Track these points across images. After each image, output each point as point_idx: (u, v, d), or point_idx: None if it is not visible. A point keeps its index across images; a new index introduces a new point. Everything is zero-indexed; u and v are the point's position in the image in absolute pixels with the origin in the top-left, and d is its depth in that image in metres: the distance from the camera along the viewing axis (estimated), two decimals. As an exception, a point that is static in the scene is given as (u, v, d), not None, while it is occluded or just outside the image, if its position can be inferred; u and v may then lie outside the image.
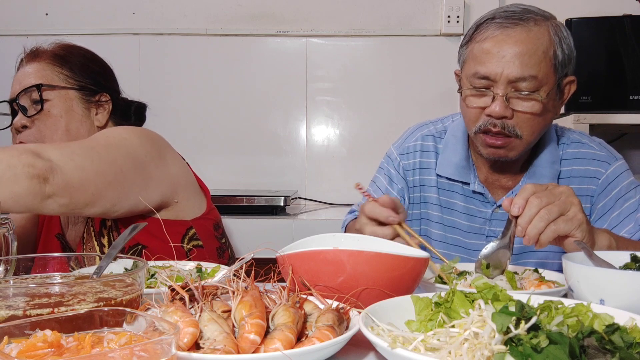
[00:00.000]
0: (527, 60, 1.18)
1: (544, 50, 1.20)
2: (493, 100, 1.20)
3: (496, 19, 1.22)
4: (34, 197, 1.01)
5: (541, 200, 1.00)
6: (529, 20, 1.21)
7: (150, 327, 0.59)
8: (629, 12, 2.10)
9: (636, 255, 0.95)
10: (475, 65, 1.23)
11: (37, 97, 1.33)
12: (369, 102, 2.58)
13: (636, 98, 2.05)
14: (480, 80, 1.22)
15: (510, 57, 1.18)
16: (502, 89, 1.19)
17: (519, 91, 1.20)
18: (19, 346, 0.52)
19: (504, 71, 1.19)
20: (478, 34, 1.24)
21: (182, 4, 2.59)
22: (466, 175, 1.37)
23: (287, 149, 2.61)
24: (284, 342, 0.63)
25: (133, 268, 0.86)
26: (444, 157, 1.40)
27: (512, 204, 1.02)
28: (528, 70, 1.18)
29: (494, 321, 0.59)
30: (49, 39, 1.47)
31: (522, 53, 1.18)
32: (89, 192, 1.11)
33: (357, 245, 0.93)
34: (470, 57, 1.25)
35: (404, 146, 1.48)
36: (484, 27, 1.24)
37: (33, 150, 1.04)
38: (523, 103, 1.20)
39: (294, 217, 2.12)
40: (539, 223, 0.99)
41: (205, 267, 1.10)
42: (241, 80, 2.59)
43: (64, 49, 1.43)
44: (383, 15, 2.56)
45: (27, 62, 1.40)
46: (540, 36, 1.20)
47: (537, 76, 1.19)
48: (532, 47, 1.19)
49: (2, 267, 0.84)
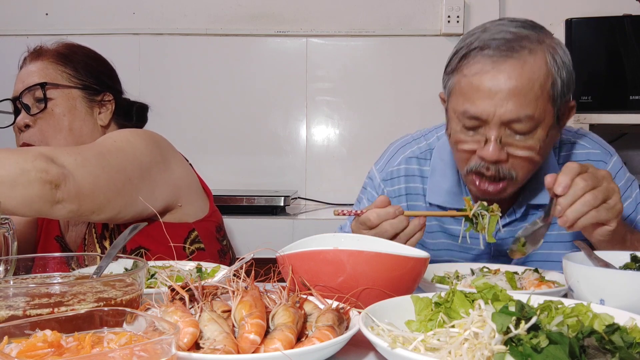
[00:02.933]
0: (522, 99, 1.06)
1: (541, 84, 1.07)
2: (486, 142, 1.10)
3: (485, 50, 1.09)
4: (44, 203, 1.02)
5: (587, 182, 0.95)
6: (522, 49, 1.08)
7: (150, 327, 0.59)
8: (629, 12, 2.10)
9: (636, 255, 0.95)
10: (464, 103, 1.11)
11: (41, 95, 1.32)
12: (369, 102, 2.58)
13: (636, 98, 2.05)
14: (470, 120, 1.10)
15: (504, 95, 1.06)
16: (495, 132, 1.08)
17: (514, 132, 1.09)
18: (19, 346, 0.52)
19: (496, 112, 1.06)
20: (466, 66, 1.11)
21: (182, 4, 2.59)
22: (459, 201, 1.25)
23: (287, 149, 2.61)
24: (284, 342, 0.63)
25: (133, 268, 0.86)
26: (433, 183, 1.30)
27: (556, 182, 0.96)
28: (524, 110, 1.06)
29: (494, 321, 0.59)
30: (49, 39, 1.47)
31: (516, 91, 1.06)
32: (97, 200, 1.12)
33: (357, 245, 0.93)
34: (458, 90, 1.13)
35: (387, 171, 1.37)
36: (473, 58, 1.10)
37: (47, 155, 1.04)
38: (519, 145, 1.10)
39: (294, 217, 2.12)
40: (582, 208, 0.95)
41: (205, 267, 1.10)
42: (241, 80, 2.59)
43: (67, 48, 1.42)
44: (383, 15, 2.56)
45: (30, 60, 1.39)
46: (536, 69, 1.07)
47: (533, 115, 1.07)
48: (528, 83, 1.06)
49: (2, 267, 0.84)
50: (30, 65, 1.38)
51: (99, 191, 1.12)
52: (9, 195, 0.98)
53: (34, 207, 1.01)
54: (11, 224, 0.93)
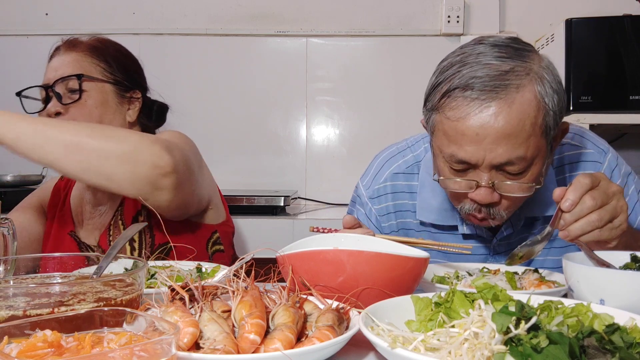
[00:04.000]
0: (513, 141, 0.99)
1: (532, 122, 1.00)
2: (477, 187, 1.05)
3: (468, 91, 1.01)
4: (148, 185, 1.09)
5: (595, 202, 0.92)
6: (509, 87, 0.99)
7: (150, 327, 0.59)
8: (629, 12, 2.10)
9: (636, 255, 0.95)
10: (450, 145, 1.04)
11: (75, 86, 1.35)
12: (369, 102, 2.58)
13: (636, 98, 2.05)
14: (459, 164, 1.05)
15: (492, 139, 0.99)
16: (486, 176, 1.03)
17: (506, 173, 1.04)
18: (19, 346, 0.52)
19: (486, 157, 1.01)
20: (448, 108, 1.03)
21: (182, 4, 2.59)
22: (451, 218, 1.22)
23: (287, 149, 2.61)
24: (284, 342, 0.63)
25: (133, 268, 0.86)
26: (422, 201, 1.25)
27: (564, 198, 0.93)
28: (515, 152, 1.00)
29: (494, 321, 0.59)
30: (49, 39, 1.47)
31: (506, 133, 0.99)
32: (185, 197, 1.21)
33: (357, 245, 0.93)
34: (442, 132, 1.06)
35: (373, 188, 1.32)
36: (454, 100, 1.02)
37: (164, 144, 1.11)
38: (511, 186, 1.04)
39: (294, 217, 2.12)
40: (586, 227, 0.93)
41: (205, 267, 1.10)
42: (241, 80, 2.59)
43: (101, 42, 1.45)
44: (383, 15, 2.56)
45: (64, 51, 1.41)
46: (525, 106, 1.00)
47: (526, 156, 1.01)
48: (517, 124, 0.99)
49: (2, 267, 0.85)
50: (64, 56, 1.40)
51: (190, 190, 1.22)
52: (118, 168, 1.05)
53: (136, 185, 1.07)
54: (11, 224, 0.93)
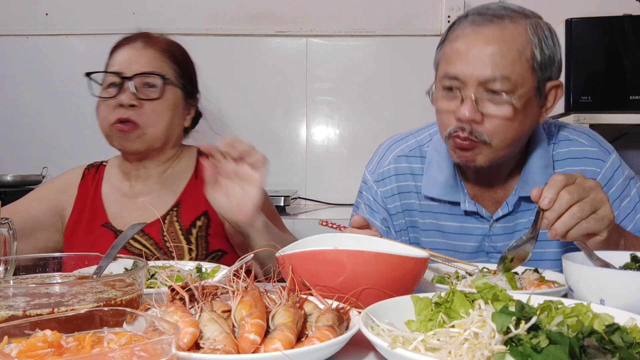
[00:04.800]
0: (498, 60, 1.09)
1: (519, 50, 1.10)
2: (462, 102, 1.12)
3: (469, 17, 1.15)
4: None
5: (572, 195, 0.96)
6: (503, 17, 1.12)
7: (150, 327, 0.59)
8: (629, 12, 2.10)
9: (636, 255, 0.95)
10: (445, 66, 1.15)
11: (154, 82, 1.38)
12: (369, 102, 2.58)
13: (636, 98, 2.05)
14: (450, 81, 1.14)
15: (481, 56, 1.10)
16: (471, 91, 1.10)
17: (490, 92, 1.11)
18: (19, 346, 0.52)
19: (473, 72, 1.10)
20: (451, 33, 1.17)
21: (182, 4, 2.59)
22: (455, 194, 1.28)
23: (287, 149, 2.61)
24: (284, 342, 0.63)
25: (133, 268, 0.86)
26: (428, 176, 1.31)
27: (541, 196, 0.97)
28: (500, 70, 1.09)
29: (494, 321, 0.59)
30: (49, 39, 1.47)
31: (493, 52, 1.09)
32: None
33: (357, 245, 0.93)
34: (443, 57, 1.18)
35: (377, 172, 1.39)
36: (457, 25, 1.17)
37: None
38: (494, 106, 1.11)
39: (294, 217, 2.12)
40: (570, 220, 0.96)
41: (205, 267, 1.10)
42: (241, 80, 2.59)
43: (173, 44, 1.50)
44: (383, 15, 2.56)
45: (143, 45, 1.43)
46: (515, 35, 1.11)
47: (509, 77, 1.09)
48: (505, 46, 1.10)
49: (1, 267, 0.85)
50: (143, 51, 1.42)
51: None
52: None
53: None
54: (11, 224, 0.93)
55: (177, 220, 1.40)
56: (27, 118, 2.60)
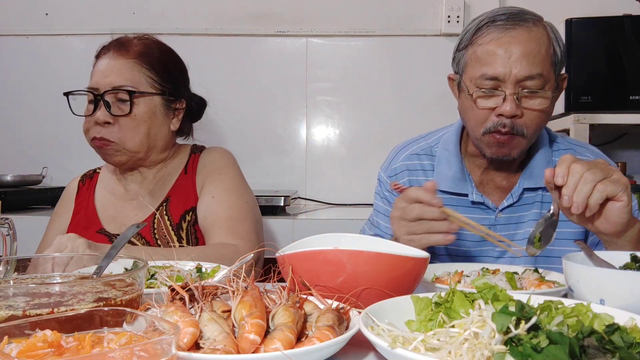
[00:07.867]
0: (532, 59, 1.21)
1: (546, 49, 1.23)
2: (504, 100, 1.22)
3: (497, 22, 1.25)
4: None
5: (583, 166, 0.99)
6: (527, 20, 1.24)
7: (150, 327, 0.59)
8: (629, 12, 2.10)
9: (636, 255, 0.95)
10: (481, 67, 1.24)
11: (125, 97, 1.38)
12: (369, 102, 2.58)
13: (636, 98, 2.05)
14: (488, 82, 1.24)
15: (517, 57, 1.21)
16: (512, 89, 1.22)
17: (527, 89, 1.22)
18: (19, 346, 0.52)
19: (512, 71, 1.21)
20: (480, 37, 1.26)
21: (182, 4, 2.59)
22: (463, 186, 1.37)
23: (287, 149, 2.61)
24: (284, 342, 0.63)
25: (133, 268, 0.86)
26: (439, 172, 1.41)
27: (554, 174, 1.01)
28: (535, 68, 1.21)
29: (494, 321, 0.59)
30: (49, 39, 1.48)
31: (527, 52, 1.21)
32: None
33: (357, 245, 0.93)
34: (474, 59, 1.27)
35: (390, 168, 1.49)
36: (485, 29, 1.26)
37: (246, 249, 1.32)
38: (532, 101, 1.23)
39: (294, 217, 2.12)
40: (585, 186, 0.98)
41: (205, 267, 1.10)
42: (241, 81, 2.59)
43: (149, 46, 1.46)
44: (383, 15, 2.56)
45: (114, 54, 1.41)
46: (540, 35, 1.24)
47: (542, 74, 1.22)
48: (536, 46, 1.22)
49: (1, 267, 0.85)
50: (115, 61, 1.40)
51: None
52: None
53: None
54: (11, 224, 0.93)
55: (167, 214, 1.42)
56: (27, 118, 2.60)
